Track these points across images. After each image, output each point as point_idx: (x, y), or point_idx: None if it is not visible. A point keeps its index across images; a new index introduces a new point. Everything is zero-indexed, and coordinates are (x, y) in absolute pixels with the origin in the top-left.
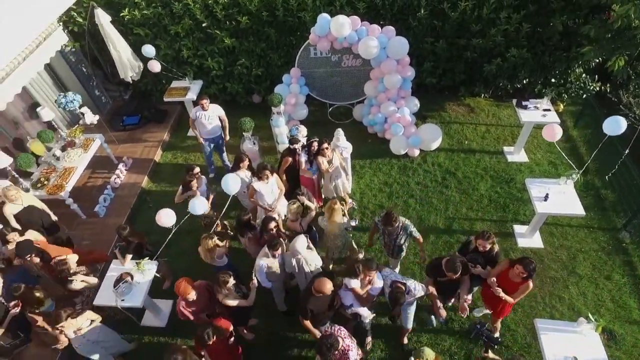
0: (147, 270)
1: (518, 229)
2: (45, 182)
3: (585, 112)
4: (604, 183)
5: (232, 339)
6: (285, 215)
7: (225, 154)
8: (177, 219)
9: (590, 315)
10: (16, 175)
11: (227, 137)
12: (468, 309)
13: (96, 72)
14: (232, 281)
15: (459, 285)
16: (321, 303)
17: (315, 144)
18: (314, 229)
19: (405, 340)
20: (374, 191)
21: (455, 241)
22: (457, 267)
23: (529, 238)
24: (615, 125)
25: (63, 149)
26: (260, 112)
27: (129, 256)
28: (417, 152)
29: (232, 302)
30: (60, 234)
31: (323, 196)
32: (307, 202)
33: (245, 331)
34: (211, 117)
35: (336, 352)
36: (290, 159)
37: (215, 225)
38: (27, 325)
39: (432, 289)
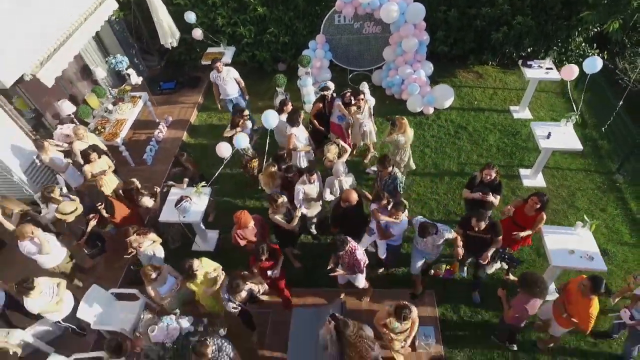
0: (203, 194)
1: (523, 172)
2: (102, 130)
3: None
4: (601, 135)
5: (281, 259)
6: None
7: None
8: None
9: (585, 217)
10: (77, 123)
11: (247, 96)
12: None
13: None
14: (282, 200)
15: (486, 246)
16: (348, 212)
17: (349, 94)
18: None
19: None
20: None
21: (465, 179)
22: (485, 215)
23: (532, 179)
24: (592, 64)
25: (114, 103)
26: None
27: (186, 180)
28: (431, 110)
29: (279, 219)
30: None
31: (351, 143)
32: (342, 144)
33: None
34: (225, 78)
35: (347, 247)
36: (320, 104)
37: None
38: (102, 238)
39: (458, 237)
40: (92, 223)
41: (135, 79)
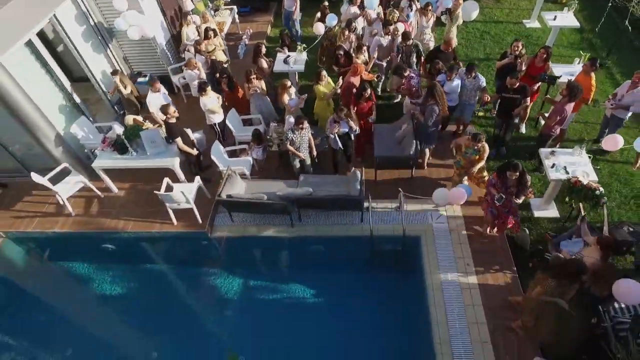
0: (303, 53)
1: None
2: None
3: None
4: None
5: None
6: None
7: (297, 25)
8: None
9: (581, 52)
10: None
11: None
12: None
13: None
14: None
15: (516, 107)
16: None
17: None
18: None
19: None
20: None
21: (492, 64)
22: (518, 76)
23: None
24: None
25: (215, 9)
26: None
27: (286, 48)
28: (461, 21)
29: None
30: None
31: None
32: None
33: None
34: None
35: (405, 73)
36: None
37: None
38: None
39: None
40: None
41: None
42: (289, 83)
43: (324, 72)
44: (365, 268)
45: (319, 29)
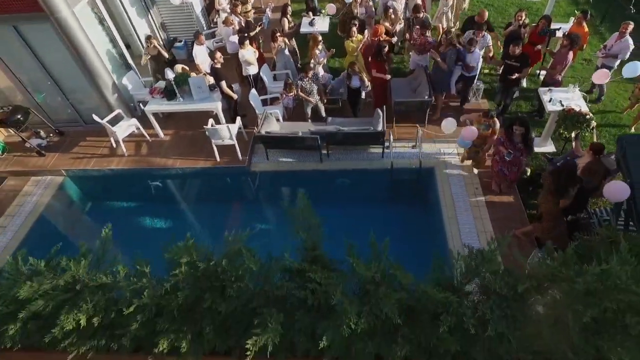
0: (326, 17)
1: None
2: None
3: None
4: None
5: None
6: None
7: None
8: None
9: (576, 11)
10: None
11: None
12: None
13: None
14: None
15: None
16: None
17: None
18: None
19: None
20: None
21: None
22: (519, 43)
23: None
24: None
25: None
26: None
27: (310, 12)
28: None
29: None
30: None
31: None
32: None
33: None
34: None
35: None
36: None
37: None
38: None
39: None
40: None
41: None
42: (319, 37)
43: (354, 29)
44: (387, 196)
45: (332, 9)
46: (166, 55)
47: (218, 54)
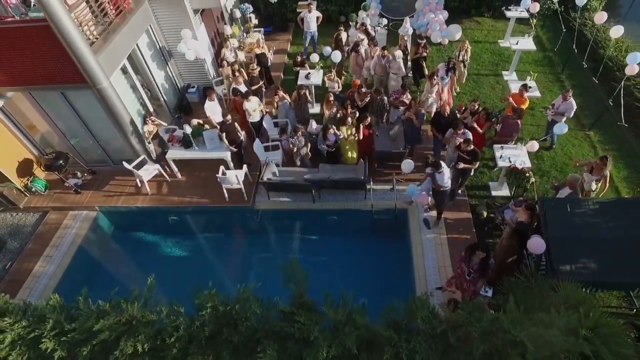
0: (319, 70)
1: (505, 72)
2: (243, 45)
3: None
4: (553, 52)
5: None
6: None
7: (316, 45)
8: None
9: (531, 72)
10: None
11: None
12: None
13: None
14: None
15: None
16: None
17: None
18: None
19: None
20: None
21: (472, 78)
22: (470, 142)
23: (509, 75)
24: None
25: (247, 31)
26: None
27: (307, 65)
28: (447, 41)
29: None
30: None
31: None
32: None
33: None
34: (311, 17)
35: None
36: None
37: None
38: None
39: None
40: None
41: (254, 20)
42: (332, 97)
43: (349, 119)
44: (367, 231)
45: (336, 56)
46: (165, 125)
47: (228, 116)
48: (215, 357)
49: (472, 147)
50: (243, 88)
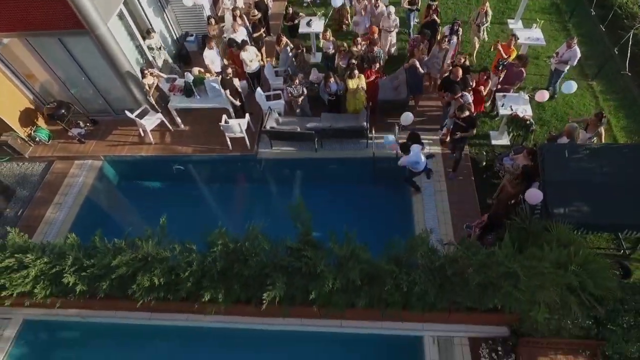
0: (321, 18)
1: (510, 21)
2: None
3: None
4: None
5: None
6: None
7: None
8: None
9: (538, 19)
10: None
11: None
12: None
13: None
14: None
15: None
16: None
17: None
18: None
19: None
20: None
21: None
22: (464, 109)
23: (515, 24)
24: None
25: None
26: None
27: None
28: None
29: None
30: None
31: None
32: None
33: None
34: None
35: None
36: None
37: None
38: None
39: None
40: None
41: None
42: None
43: (356, 71)
44: (369, 179)
45: (336, 1)
46: (164, 76)
47: (229, 70)
48: (227, 290)
49: (468, 113)
50: (239, 38)
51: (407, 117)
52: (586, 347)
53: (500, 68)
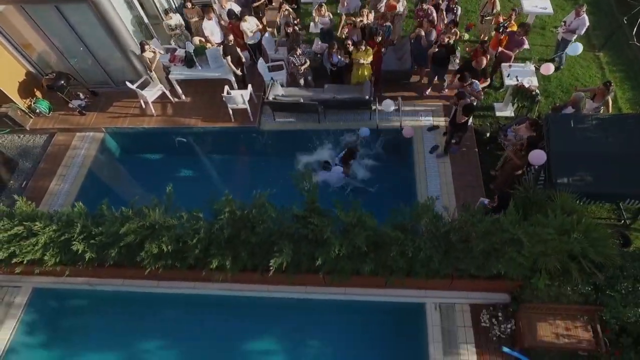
0: None
1: None
2: None
3: None
4: None
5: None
6: None
7: None
8: None
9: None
10: None
11: None
12: None
13: None
14: None
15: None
16: None
17: None
18: None
19: None
20: None
21: None
22: (465, 96)
23: None
24: None
25: None
26: None
27: None
28: None
29: None
30: None
31: None
32: None
33: None
34: None
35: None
36: None
37: None
38: None
39: None
40: None
41: None
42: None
43: (363, 46)
44: (373, 151)
45: None
46: (162, 52)
47: (230, 37)
48: (234, 258)
49: (469, 101)
50: (237, 8)
51: (387, 106)
52: (584, 313)
53: (500, 31)
